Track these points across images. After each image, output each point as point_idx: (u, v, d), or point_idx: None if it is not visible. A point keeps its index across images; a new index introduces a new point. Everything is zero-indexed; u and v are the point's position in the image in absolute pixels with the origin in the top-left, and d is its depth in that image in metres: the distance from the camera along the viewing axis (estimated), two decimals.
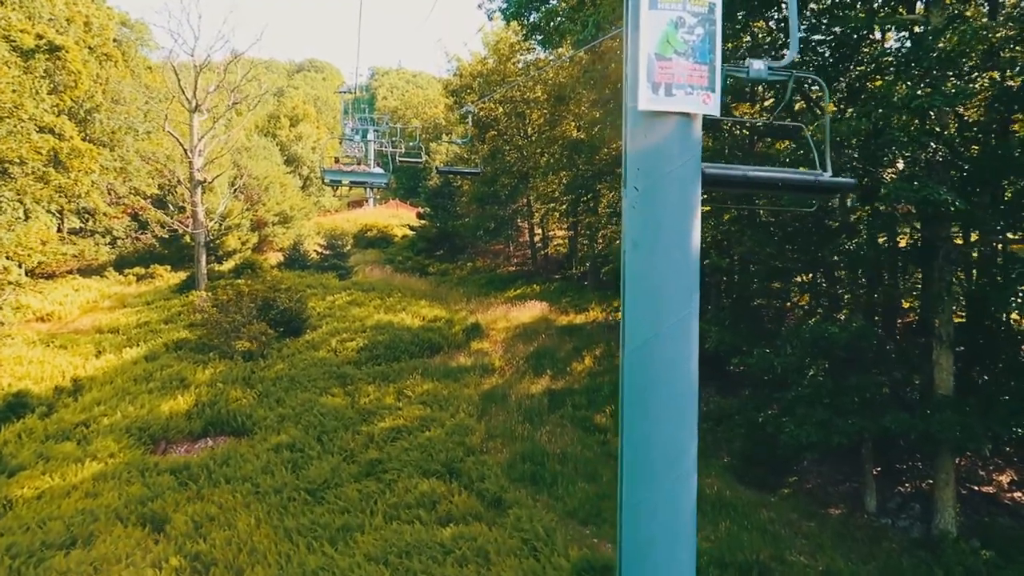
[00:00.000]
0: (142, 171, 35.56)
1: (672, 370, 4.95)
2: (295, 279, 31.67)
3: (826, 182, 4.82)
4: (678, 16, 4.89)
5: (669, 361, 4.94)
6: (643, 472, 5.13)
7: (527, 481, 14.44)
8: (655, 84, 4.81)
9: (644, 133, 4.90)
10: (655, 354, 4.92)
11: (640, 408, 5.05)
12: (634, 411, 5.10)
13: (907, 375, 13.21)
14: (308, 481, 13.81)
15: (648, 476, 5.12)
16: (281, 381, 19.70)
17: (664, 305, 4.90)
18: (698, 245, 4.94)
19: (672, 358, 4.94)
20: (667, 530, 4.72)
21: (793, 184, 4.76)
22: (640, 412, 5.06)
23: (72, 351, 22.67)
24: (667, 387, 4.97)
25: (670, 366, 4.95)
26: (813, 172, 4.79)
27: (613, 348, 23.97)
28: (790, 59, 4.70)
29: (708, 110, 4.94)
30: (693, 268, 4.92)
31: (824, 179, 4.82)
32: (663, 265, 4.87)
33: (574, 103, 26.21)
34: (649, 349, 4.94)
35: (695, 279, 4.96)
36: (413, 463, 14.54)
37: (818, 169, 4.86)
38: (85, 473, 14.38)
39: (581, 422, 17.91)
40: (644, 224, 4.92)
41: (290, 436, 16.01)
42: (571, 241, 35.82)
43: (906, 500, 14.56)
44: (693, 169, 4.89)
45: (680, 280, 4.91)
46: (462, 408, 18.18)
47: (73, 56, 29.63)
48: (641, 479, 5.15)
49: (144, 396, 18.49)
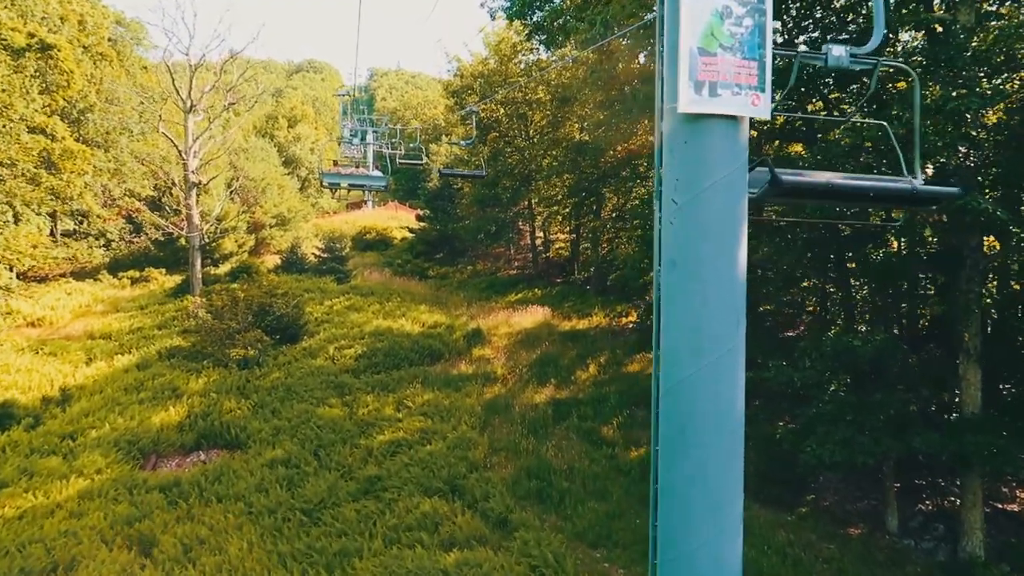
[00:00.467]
0: (137, 172, 34.92)
1: (716, 410, 4.34)
2: (292, 283, 31.03)
3: (925, 192, 4.11)
4: (724, 5, 4.27)
5: (713, 400, 4.32)
6: (682, 524, 4.51)
7: (533, 499, 13.82)
8: (698, 83, 4.20)
9: (684, 139, 4.29)
10: (697, 392, 4.31)
11: (679, 452, 4.44)
12: (672, 456, 4.49)
13: (935, 391, 12.58)
14: (304, 500, 13.16)
15: (688, 529, 4.50)
16: (277, 391, 19.05)
17: (707, 335, 4.28)
18: (744, 266, 4.32)
19: (716, 396, 4.33)
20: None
21: (886, 194, 4.07)
22: (679, 457, 4.44)
23: (62, 358, 22.03)
24: (710, 429, 4.35)
25: (714, 406, 4.33)
26: (901, 179, 4.14)
27: (619, 355, 23.38)
28: (874, 44, 4.07)
29: (757, 112, 4.33)
30: (739, 293, 4.31)
31: (922, 188, 4.10)
32: (706, 289, 4.26)
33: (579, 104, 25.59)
34: (690, 386, 4.33)
35: (741, 305, 4.34)
36: (414, 480, 13.91)
37: (905, 175, 4.18)
38: (70, 490, 13.72)
39: (587, 434, 17.28)
40: (684, 242, 4.31)
41: (285, 450, 15.37)
42: (573, 245, 35.21)
43: (928, 519, 13.95)
44: (739, 179, 4.28)
45: (725, 307, 4.30)
46: (464, 420, 17.55)
47: (65, 55, 28.97)
48: (680, 532, 4.53)
49: (135, 407, 17.83)
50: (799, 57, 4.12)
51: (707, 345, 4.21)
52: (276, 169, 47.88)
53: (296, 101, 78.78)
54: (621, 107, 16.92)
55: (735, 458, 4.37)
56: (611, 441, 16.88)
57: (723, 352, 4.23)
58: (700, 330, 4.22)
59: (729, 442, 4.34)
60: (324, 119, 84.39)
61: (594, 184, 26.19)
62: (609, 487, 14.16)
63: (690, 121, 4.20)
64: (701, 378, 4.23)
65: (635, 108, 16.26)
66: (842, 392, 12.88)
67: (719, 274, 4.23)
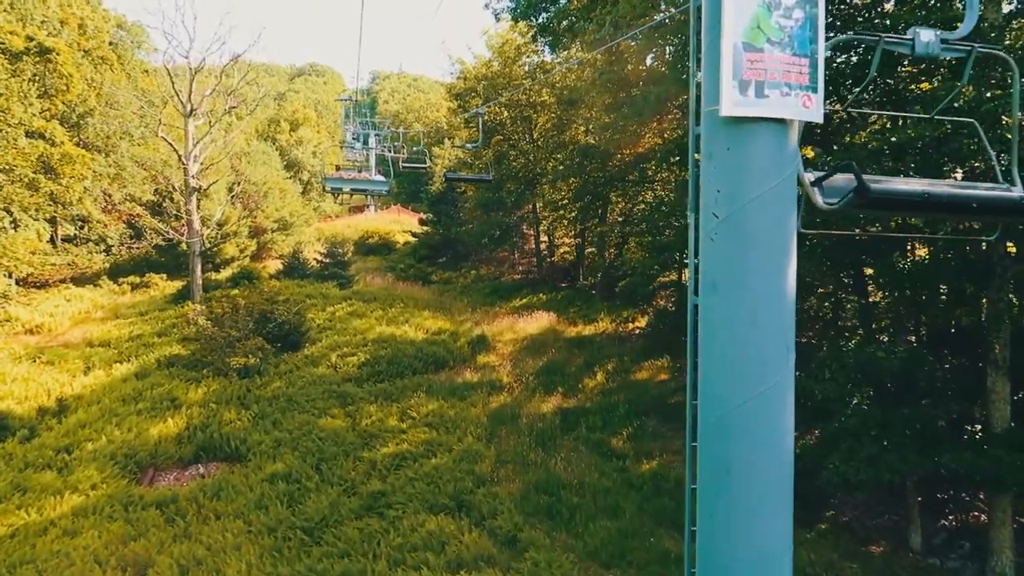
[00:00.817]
0: (137, 177, 34.55)
1: (764, 450, 3.86)
2: (294, 288, 30.63)
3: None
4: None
5: (760, 439, 3.86)
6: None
7: (542, 515, 13.33)
8: (743, 82, 3.72)
9: (726, 145, 3.81)
10: (742, 429, 3.84)
11: (722, 497, 3.95)
12: (714, 500, 4.00)
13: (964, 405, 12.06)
14: (305, 518, 12.68)
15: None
16: (278, 401, 18.60)
17: (753, 366, 3.81)
18: (794, 288, 3.86)
19: (764, 435, 3.87)
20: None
21: (991, 205, 3.42)
22: (722, 501, 3.95)
23: (59, 367, 21.58)
24: (757, 471, 3.88)
25: (760, 446, 3.86)
26: (999, 187, 3.58)
27: (626, 363, 22.91)
28: (968, 29, 3.56)
29: (809, 115, 3.85)
30: (788, 318, 3.83)
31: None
32: (752, 314, 3.77)
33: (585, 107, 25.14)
34: (734, 423, 3.85)
35: (791, 332, 3.86)
36: (419, 496, 13.43)
37: (1001, 183, 3.60)
38: (64, 507, 13.27)
39: (597, 446, 16.81)
40: (727, 261, 3.82)
41: (286, 464, 14.90)
42: (578, 249, 34.74)
43: (952, 536, 13.44)
44: (789, 191, 3.80)
45: (773, 333, 3.81)
46: (470, 430, 17.09)
47: (64, 59, 28.62)
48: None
49: (132, 418, 17.39)
50: (882, 42, 3.59)
51: (753, 377, 3.75)
52: (278, 173, 47.53)
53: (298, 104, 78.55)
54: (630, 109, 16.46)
55: (785, 504, 3.90)
56: (621, 453, 16.40)
57: (771, 384, 3.76)
58: (745, 360, 3.76)
59: (778, 486, 3.86)
60: (326, 122, 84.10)
61: (601, 188, 25.70)
62: (621, 502, 13.66)
63: (733, 125, 3.73)
64: (747, 414, 3.76)
65: (646, 110, 15.83)
66: (865, 406, 12.37)
67: (767, 297, 3.75)
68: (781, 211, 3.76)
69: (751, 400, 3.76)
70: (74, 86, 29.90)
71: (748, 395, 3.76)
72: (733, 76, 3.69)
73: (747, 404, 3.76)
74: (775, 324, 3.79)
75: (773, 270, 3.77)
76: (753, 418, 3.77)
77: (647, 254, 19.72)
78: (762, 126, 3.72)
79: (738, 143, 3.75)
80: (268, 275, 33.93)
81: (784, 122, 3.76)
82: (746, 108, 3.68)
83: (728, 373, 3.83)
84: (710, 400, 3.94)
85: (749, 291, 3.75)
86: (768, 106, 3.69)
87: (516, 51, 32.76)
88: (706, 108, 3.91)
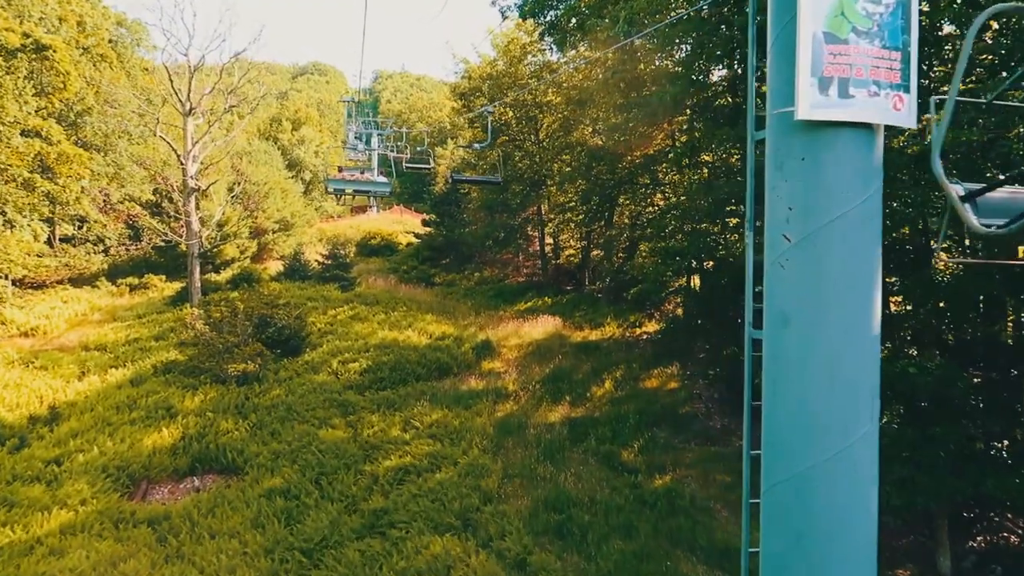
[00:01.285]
0: (136, 177, 33.98)
1: (842, 516, 3.25)
2: (295, 291, 30.08)
3: None
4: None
5: (837, 503, 3.25)
6: None
7: (552, 534, 12.73)
8: (823, 80, 3.13)
9: (801, 154, 3.21)
10: (816, 492, 3.25)
11: (791, 567, 3.33)
12: (779, 570, 3.42)
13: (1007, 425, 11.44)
14: (303, 538, 12.08)
15: None
16: (277, 409, 18.00)
17: (832, 417, 3.23)
18: (879, 325, 3.27)
19: (842, 498, 3.27)
20: None
21: None
22: (791, 573, 3.39)
23: (53, 372, 21.02)
24: (834, 541, 3.29)
25: (839, 510, 3.25)
26: None
27: (635, 369, 22.31)
28: None
29: (900, 119, 3.21)
30: (873, 361, 3.23)
31: None
32: (832, 356, 3.16)
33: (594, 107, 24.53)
34: (807, 484, 3.26)
35: (875, 376, 3.27)
36: (423, 514, 12.83)
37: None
38: (52, 524, 12.68)
39: (607, 459, 16.21)
40: (801, 292, 3.18)
41: (284, 479, 14.30)
42: (584, 252, 34.12)
43: (983, 558, 12.82)
44: (874, 209, 3.22)
45: (856, 378, 3.20)
46: (475, 442, 16.50)
47: (61, 56, 28.02)
48: None
49: (126, 427, 16.81)
50: None
51: (834, 430, 3.15)
52: (279, 172, 46.95)
53: (300, 104, 78.03)
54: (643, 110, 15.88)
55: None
56: (633, 467, 15.80)
57: (855, 439, 3.16)
58: (824, 410, 3.16)
59: (861, 556, 3.26)
60: (328, 122, 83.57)
61: (610, 190, 25.08)
62: (634, 521, 13.05)
63: (811, 131, 3.13)
64: (825, 474, 3.16)
65: (660, 110, 15.24)
66: (895, 424, 11.75)
67: (849, 336, 3.14)
68: (866, 234, 3.15)
69: (831, 458, 3.15)
70: (71, 84, 29.30)
71: (827, 452, 3.16)
72: (812, 73, 3.09)
73: (826, 463, 3.15)
74: (859, 367, 3.18)
75: (856, 304, 3.15)
76: (833, 479, 3.16)
77: (659, 260, 19.07)
78: (845, 132, 3.10)
79: (816, 152, 3.13)
80: (269, 277, 33.39)
81: (871, 127, 3.14)
82: (828, 111, 3.08)
83: (802, 425, 3.22)
84: (779, 455, 3.33)
85: (828, 329, 3.14)
86: (853, 108, 3.08)
87: (522, 50, 32.14)
88: (773, 110, 3.31)
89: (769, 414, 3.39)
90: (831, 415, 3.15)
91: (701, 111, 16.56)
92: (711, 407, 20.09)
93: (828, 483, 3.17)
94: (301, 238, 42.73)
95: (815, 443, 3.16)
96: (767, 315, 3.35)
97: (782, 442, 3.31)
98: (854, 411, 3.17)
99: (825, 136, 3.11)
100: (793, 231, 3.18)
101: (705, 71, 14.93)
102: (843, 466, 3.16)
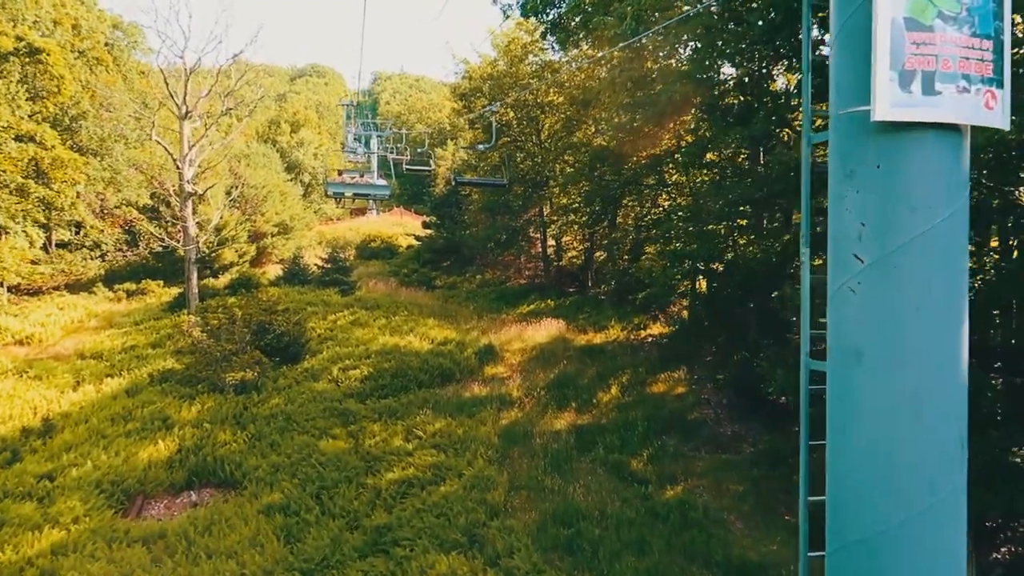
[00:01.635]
0: (133, 181, 33.53)
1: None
2: (295, 295, 29.64)
3: None
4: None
5: (920, 568, 2.76)
6: None
7: (561, 550, 12.27)
8: (905, 73, 2.67)
9: (876, 162, 2.75)
10: (895, 556, 2.78)
11: None
12: None
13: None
14: (304, 558, 11.61)
15: None
16: (276, 420, 17.55)
17: (914, 470, 2.77)
18: (967, 360, 2.81)
19: (926, 562, 2.79)
20: None
21: None
22: None
23: (47, 382, 20.56)
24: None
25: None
26: None
27: (641, 374, 21.85)
28: None
29: (992, 120, 2.71)
30: (960, 403, 2.76)
31: None
32: (914, 398, 2.70)
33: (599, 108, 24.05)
34: (884, 547, 2.80)
35: (963, 421, 2.81)
36: (428, 530, 12.37)
37: None
38: (43, 543, 12.22)
39: (616, 468, 15.75)
40: (877, 321, 2.67)
41: (284, 494, 13.84)
42: (587, 253, 33.67)
43: (1009, 571, 12.36)
44: (961, 224, 2.77)
45: (943, 425, 2.74)
46: (480, 452, 16.04)
47: (55, 59, 27.62)
48: None
49: (121, 440, 16.36)
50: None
51: (917, 485, 2.68)
52: (278, 175, 46.54)
53: (299, 106, 77.70)
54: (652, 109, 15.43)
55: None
56: (642, 477, 15.34)
57: (941, 496, 2.70)
58: (905, 462, 2.71)
59: None
60: (327, 124, 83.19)
61: (614, 191, 24.60)
62: (646, 535, 12.59)
63: (888, 134, 2.65)
64: (906, 536, 2.70)
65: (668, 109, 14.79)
66: None
67: (934, 375, 2.68)
68: (953, 253, 2.67)
69: (913, 517, 2.69)
70: (66, 88, 28.89)
71: (909, 510, 2.69)
72: (891, 65, 2.64)
73: (908, 523, 2.69)
74: (945, 411, 2.71)
75: (942, 337, 2.68)
76: (915, 542, 2.68)
77: (668, 263, 18.62)
78: (930, 135, 2.62)
79: (895, 158, 2.66)
80: (267, 281, 32.94)
81: (958, 129, 2.67)
82: (911, 110, 2.62)
83: (879, 476, 2.75)
84: (850, 511, 2.85)
85: (910, 366, 2.68)
86: (941, 107, 2.60)
87: (523, 50, 31.69)
88: (840, 110, 2.84)
89: (836, 461, 2.93)
90: (914, 467, 2.70)
91: (710, 110, 16.10)
92: (720, 413, 19.62)
93: (910, 546, 2.71)
94: (300, 241, 42.29)
95: (895, 499, 2.70)
96: (833, 346, 2.89)
97: (853, 496, 2.84)
98: (940, 462, 2.72)
99: (907, 140, 2.64)
100: (867, 250, 2.73)
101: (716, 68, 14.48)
102: (927, 527, 2.70)
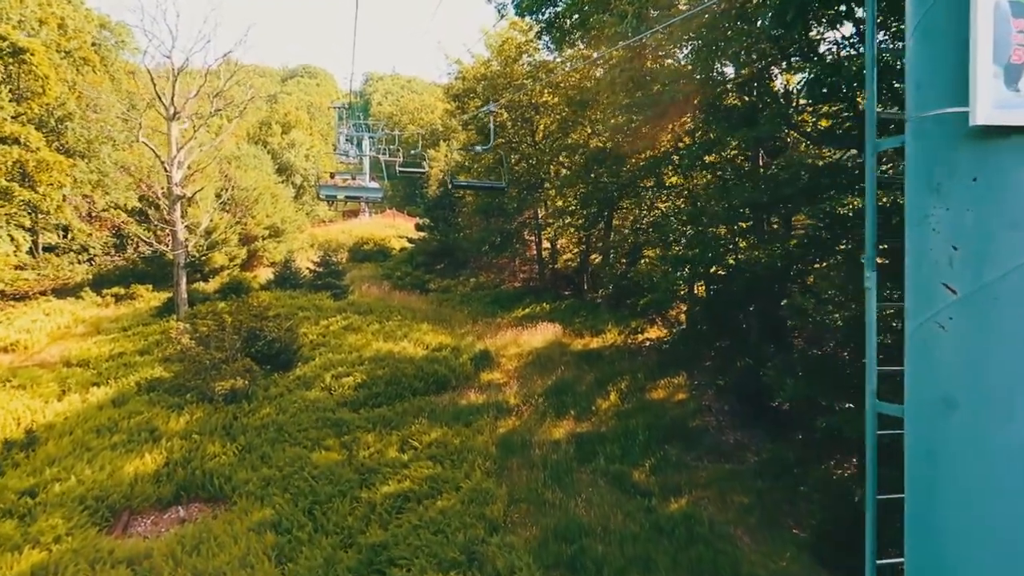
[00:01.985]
0: (121, 184, 32.87)
1: None
2: (286, 300, 29.12)
3: None
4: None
5: None
6: None
7: (564, 568, 11.82)
8: (1011, 68, 2.26)
9: (973, 173, 2.32)
10: None
11: None
12: None
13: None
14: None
15: None
16: (267, 430, 17.05)
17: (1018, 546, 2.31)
18: None
19: None
20: None
21: None
22: None
23: (32, 391, 19.96)
24: None
25: None
26: None
27: (640, 380, 21.45)
28: None
29: None
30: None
31: None
32: (1020, 453, 2.32)
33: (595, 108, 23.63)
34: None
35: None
36: (425, 548, 11.90)
37: None
38: (23, 565, 11.68)
39: (617, 479, 15.32)
40: (975, 364, 2.23)
41: (275, 509, 13.34)
42: (583, 256, 33.28)
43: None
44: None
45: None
46: (478, 463, 15.59)
47: (40, 59, 27.02)
48: None
49: (106, 453, 15.80)
50: None
51: (1020, 567, 2.28)
52: (269, 177, 45.98)
53: (290, 107, 77.05)
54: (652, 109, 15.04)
55: None
56: (645, 489, 14.92)
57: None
58: (1010, 528, 2.29)
59: None
60: (319, 125, 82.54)
61: (611, 194, 24.19)
62: (652, 552, 12.17)
63: (988, 141, 2.22)
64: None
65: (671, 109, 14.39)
66: None
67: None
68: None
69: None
70: (51, 88, 28.28)
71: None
72: (995, 59, 2.23)
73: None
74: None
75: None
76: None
77: (669, 267, 18.21)
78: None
79: (997, 170, 2.21)
80: (259, 285, 32.39)
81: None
82: (1019, 112, 2.23)
83: (977, 544, 2.35)
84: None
85: (1018, 421, 2.30)
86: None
87: (517, 50, 31.28)
88: (919, 112, 2.41)
89: (920, 523, 2.50)
90: (1011, 538, 2.28)
91: (713, 110, 15.72)
92: (722, 420, 19.25)
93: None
94: (292, 244, 41.76)
95: (1003, 572, 2.28)
96: (914, 390, 2.47)
97: (947, 566, 2.42)
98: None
99: (1012, 147, 2.23)
100: (960, 279, 2.30)
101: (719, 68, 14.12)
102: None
